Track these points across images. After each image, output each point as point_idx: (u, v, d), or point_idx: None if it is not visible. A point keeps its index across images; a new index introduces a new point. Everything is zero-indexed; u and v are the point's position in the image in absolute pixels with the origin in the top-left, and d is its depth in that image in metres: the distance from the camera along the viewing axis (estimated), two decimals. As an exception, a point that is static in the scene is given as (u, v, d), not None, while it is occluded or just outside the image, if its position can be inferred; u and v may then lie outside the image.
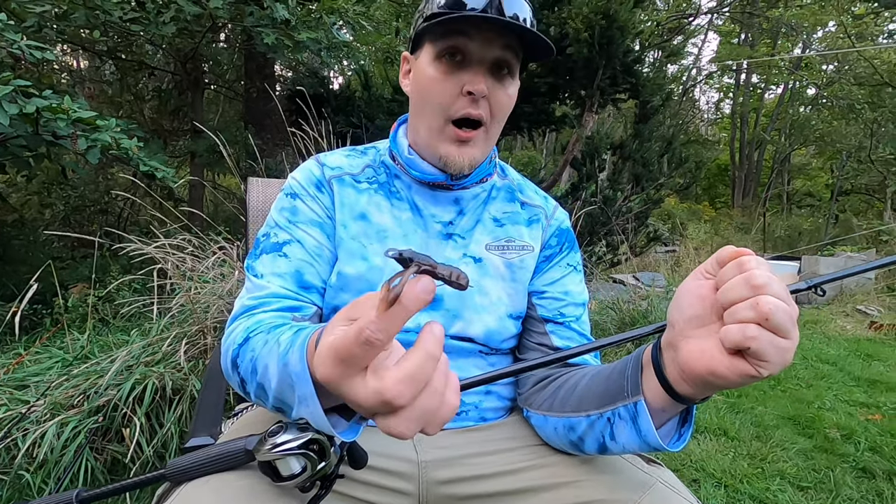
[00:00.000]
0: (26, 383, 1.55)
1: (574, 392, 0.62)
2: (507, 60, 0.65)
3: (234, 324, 0.60)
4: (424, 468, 0.63)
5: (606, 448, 0.57)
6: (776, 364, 0.40)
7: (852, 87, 10.93)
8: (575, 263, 0.80)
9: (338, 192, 0.71)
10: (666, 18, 11.11)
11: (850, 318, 4.83)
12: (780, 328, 0.39)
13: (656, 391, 0.50)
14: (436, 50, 0.65)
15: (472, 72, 0.63)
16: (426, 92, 0.67)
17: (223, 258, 1.94)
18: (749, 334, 0.39)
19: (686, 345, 0.45)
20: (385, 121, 3.69)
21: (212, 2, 2.46)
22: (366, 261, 0.68)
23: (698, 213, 13.02)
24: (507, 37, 0.63)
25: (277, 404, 0.49)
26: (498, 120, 0.68)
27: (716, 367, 0.42)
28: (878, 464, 1.86)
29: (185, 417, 1.48)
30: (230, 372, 0.57)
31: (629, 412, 0.52)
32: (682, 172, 4.17)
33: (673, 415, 0.52)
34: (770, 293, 0.39)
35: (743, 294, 0.40)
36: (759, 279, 0.40)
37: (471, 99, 0.64)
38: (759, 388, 2.68)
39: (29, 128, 1.87)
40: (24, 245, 3.23)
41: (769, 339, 0.39)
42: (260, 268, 0.66)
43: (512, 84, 0.68)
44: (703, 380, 0.44)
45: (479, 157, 0.69)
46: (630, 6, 3.15)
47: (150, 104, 4.63)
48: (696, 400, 0.49)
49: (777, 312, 0.39)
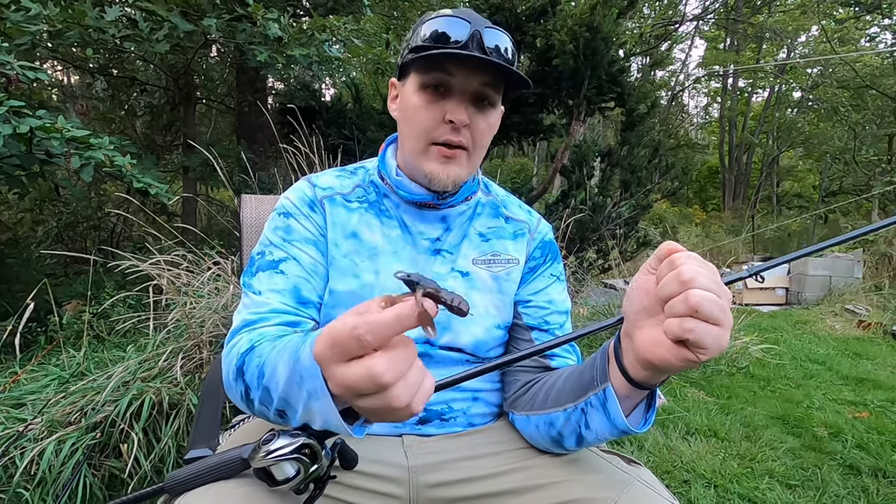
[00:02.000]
0: (23, 401, 1.55)
1: (552, 390, 0.66)
2: (487, 93, 0.69)
3: (237, 337, 0.62)
4: (414, 472, 0.66)
5: (583, 438, 0.61)
6: (713, 349, 0.44)
7: (836, 90, 11.13)
8: (558, 273, 0.83)
9: (329, 211, 0.74)
10: (651, 27, 11.28)
11: (839, 318, 4.90)
12: (711, 317, 0.43)
13: (619, 379, 0.54)
14: (420, 81, 0.69)
15: (454, 102, 0.67)
16: (411, 119, 0.70)
17: (218, 273, 1.96)
18: (686, 327, 0.43)
19: (639, 334, 0.50)
20: (376, 132, 3.73)
21: (205, 20, 2.50)
22: (357, 278, 0.71)
23: (689, 216, 13.16)
24: (487, 71, 0.67)
25: (282, 406, 0.50)
26: (479, 146, 0.72)
27: (662, 355, 0.47)
28: (865, 461, 1.90)
29: (182, 431, 1.50)
30: (233, 382, 0.58)
31: (599, 400, 0.57)
32: (671, 177, 4.24)
33: (637, 401, 0.56)
34: (697, 286, 0.43)
35: (675, 290, 0.44)
36: (686, 274, 0.44)
37: (452, 127, 0.68)
38: (750, 389, 2.72)
39: (22, 147, 1.89)
40: (17, 263, 3.22)
41: (704, 329, 0.43)
42: (257, 285, 0.68)
43: (493, 113, 0.72)
44: (654, 365, 0.49)
45: (464, 176, 0.72)
46: (613, 17, 3.23)
47: (142, 119, 4.64)
48: (651, 385, 0.53)
49: (705, 304, 0.42)
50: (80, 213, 4.05)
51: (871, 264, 6.01)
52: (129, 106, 4.48)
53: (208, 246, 2.31)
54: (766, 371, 3.09)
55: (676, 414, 2.26)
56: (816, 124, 13.27)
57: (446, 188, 0.71)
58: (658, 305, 0.48)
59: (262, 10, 2.53)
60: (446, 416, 0.73)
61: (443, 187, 0.71)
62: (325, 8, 3.55)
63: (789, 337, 4.14)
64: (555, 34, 3.20)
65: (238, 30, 2.69)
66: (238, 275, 1.73)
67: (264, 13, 2.54)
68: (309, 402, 0.45)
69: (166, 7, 2.51)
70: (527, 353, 0.56)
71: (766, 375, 3.00)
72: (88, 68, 3.93)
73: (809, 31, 13.99)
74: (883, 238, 6.10)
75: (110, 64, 3.91)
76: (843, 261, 5.91)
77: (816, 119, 13.45)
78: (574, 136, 3.68)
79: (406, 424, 0.71)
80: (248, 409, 0.57)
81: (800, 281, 5.89)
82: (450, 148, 0.69)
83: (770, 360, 3.30)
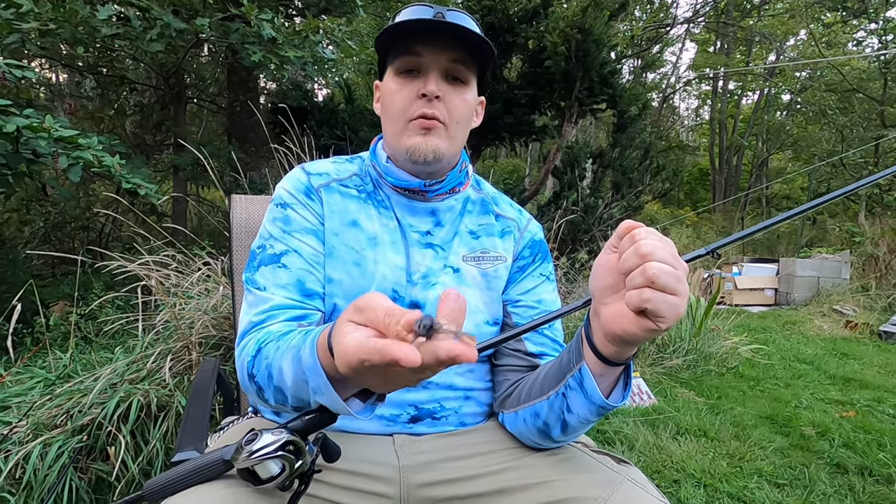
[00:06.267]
0: (7, 404, 1.52)
1: (536, 381, 0.67)
2: (458, 69, 0.71)
3: (245, 339, 0.63)
4: (405, 472, 0.66)
5: (567, 424, 0.62)
6: (670, 317, 0.45)
7: (824, 93, 11.29)
8: (548, 273, 0.84)
9: (326, 199, 0.74)
10: (641, 31, 11.38)
11: (827, 318, 4.96)
12: (668, 287, 0.44)
13: (592, 357, 0.56)
14: (394, 69, 0.72)
15: (424, 79, 0.70)
16: (389, 102, 0.73)
17: (207, 274, 1.94)
18: (644, 297, 0.45)
19: (605, 310, 0.52)
20: (369, 132, 3.73)
21: (197, 20, 2.48)
22: (359, 267, 0.71)
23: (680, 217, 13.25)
24: (455, 49, 0.69)
25: (296, 403, 0.53)
26: (457, 121, 0.73)
27: (626, 326, 0.49)
28: (851, 459, 1.92)
29: (170, 434, 1.48)
30: (247, 384, 0.60)
31: (577, 380, 0.58)
32: (662, 179, 4.28)
33: (613, 378, 0.58)
34: (655, 259, 0.45)
35: (635, 262, 0.46)
36: (645, 248, 0.45)
37: (426, 100, 0.69)
38: (739, 389, 2.75)
39: (8, 146, 1.86)
40: (3, 264, 3.17)
41: (662, 299, 0.45)
42: (261, 280, 0.68)
43: (467, 91, 0.73)
44: (620, 338, 0.50)
45: (444, 150, 0.71)
46: (605, 20, 3.25)
47: (131, 119, 4.60)
48: (622, 360, 0.55)
49: (661, 275, 0.44)
50: (68, 213, 4.00)
51: (857, 266, 6.10)
52: (119, 105, 4.43)
53: (198, 246, 2.30)
54: (755, 371, 3.12)
55: (667, 414, 2.27)
56: (805, 127, 13.45)
57: (427, 158, 0.70)
58: (620, 281, 0.50)
59: (256, 11, 2.52)
60: (438, 415, 0.73)
61: (423, 157, 0.70)
62: (318, 8, 3.54)
63: (778, 337, 4.19)
64: (547, 36, 3.22)
65: (231, 30, 2.67)
66: (228, 275, 1.72)
67: (258, 13, 2.53)
68: (315, 397, 0.48)
69: (159, 4, 2.49)
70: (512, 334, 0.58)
71: (755, 375, 3.03)
72: (78, 67, 3.89)
73: (798, 35, 14.19)
74: (870, 240, 6.19)
75: (100, 62, 3.88)
76: (830, 262, 5.99)
77: (805, 122, 13.63)
78: (566, 137, 3.70)
79: (397, 423, 0.71)
80: (265, 405, 0.60)
81: (788, 282, 5.96)
82: (426, 120, 0.70)
83: (759, 361, 3.34)
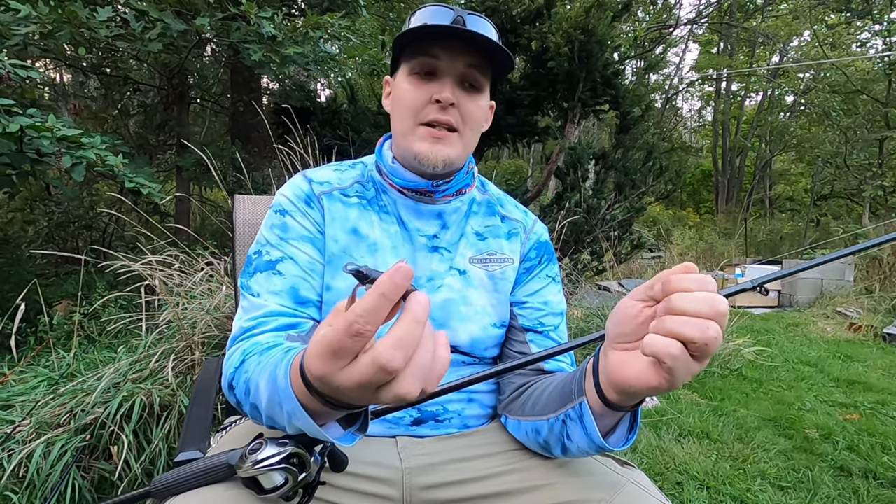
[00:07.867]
0: (11, 403, 1.53)
1: (541, 398, 0.65)
2: (474, 75, 0.70)
3: (234, 347, 0.63)
4: (408, 474, 0.65)
5: (567, 449, 0.60)
6: (681, 382, 0.42)
7: (827, 94, 11.24)
8: (553, 275, 0.83)
9: (328, 207, 0.74)
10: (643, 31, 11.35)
11: (831, 321, 4.94)
12: (705, 356, 0.40)
13: (593, 396, 0.54)
14: (409, 68, 0.71)
15: (439, 83, 0.69)
16: (400, 102, 0.72)
17: (210, 274, 1.95)
18: (672, 353, 0.40)
19: (613, 355, 0.49)
20: (371, 133, 3.73)
21: (197, 19, 2.48)
22: None
23: (683, 218, 13.25)
24: (472, 54, 0.69)
25: (270, 423, 0.52)
26: (470, 127, 0.72)
27: (632, 375, 0.46)
28: (855, 462, 1.91)
29: (173, 433, 1.48)
30: (228, 393, 0.60)
31: (577, 413, 0.56)
32: (665, 180, 4.27)
33: (615, 420, 0.55)
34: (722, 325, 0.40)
35: (701, 311, 0.40)
36: (723, 307, 0.40)
37: (439, 106, 0.69)
38: (742, 391, 2.74)
39: (12, 146, 1.87)
40: (7, 263, 3.18)
41: (686, 363, 0.40)
42: (255, 286, 0.68)
43: (481, 97, 0.73)
44: (621, 387, 0.48)
45: (454, 157, 0.71)
46: (608, 21, 3.25)
47: (135, 119, 4.61)
48: (623, 407, 0.52)
49: (715, 344, 0.40)
50: (72, 212, 4.02)
51: (861, 268, 6.07)
52: (123, 105, 4.45)
53: (201, 246, 2.30)
54: (758, 373, 3.11)
55: (669, 416, 2.26)
56: (808, 128, 13.40)
57: (436, 167, 0.70)
58: (637, 335, 0.47)
59: (256, 9, 2.52)
60: (441, 418, 0.72)
61: (433, 167, 0.70)
62: (321, 8, 3.54)
63: (781, 339, 4.17)
64: (550, 37, 3.22)
65: (232, 29, 2.68)
66: (231, 275, 1.72)
67: (257, 11, 2.53)
68: (291, 420, 0.45)
69: (159, 7, 2.49)
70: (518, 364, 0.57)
71: (758, 378, 3.02)
72: (81, 67, 3.90)
73: (802, 36, 14.15)
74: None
75: (103, 63, 3.89)
76: (834, 264, 5.96)
77: (808, 123, 13.58)
78: (568, 138, 3.69)
79: (400, 425, 0.71)
80: (244, 415, 0.60)
81: (792, 284, 5.93)
82: (438, 128, 0.70)
83: (762, 363, 3.32)
